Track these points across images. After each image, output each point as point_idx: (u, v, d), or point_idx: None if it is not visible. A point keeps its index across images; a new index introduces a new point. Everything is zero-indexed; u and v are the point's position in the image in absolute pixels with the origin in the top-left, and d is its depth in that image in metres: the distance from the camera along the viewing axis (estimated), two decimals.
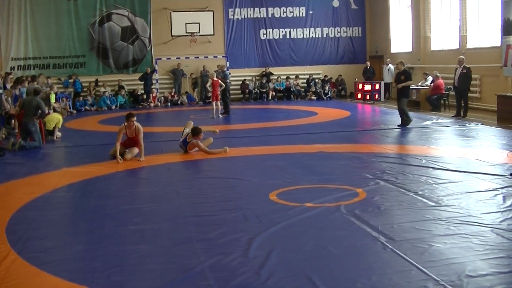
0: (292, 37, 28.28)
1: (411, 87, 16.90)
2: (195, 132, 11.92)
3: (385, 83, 25.23)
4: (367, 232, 6.22)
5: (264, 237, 6.18)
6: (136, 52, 26.41)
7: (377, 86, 24.28)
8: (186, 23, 25.65)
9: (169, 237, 6.35)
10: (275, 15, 28.07)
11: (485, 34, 20.67)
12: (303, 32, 28.41)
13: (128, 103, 25.34)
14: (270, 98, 26.84)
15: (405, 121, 15.39)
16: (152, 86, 25.89)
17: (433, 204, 7.31)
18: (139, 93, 25.67)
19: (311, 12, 28.38)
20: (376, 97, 24.00)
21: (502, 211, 6.88)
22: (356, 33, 29.14)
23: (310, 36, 28.52)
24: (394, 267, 5.22)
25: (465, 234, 6.05)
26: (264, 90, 26.90)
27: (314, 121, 17.72)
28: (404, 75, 15.75)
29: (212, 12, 26.42)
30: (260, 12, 27.94)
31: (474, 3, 20.94)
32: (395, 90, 16.87)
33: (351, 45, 29.12)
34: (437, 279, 4.88)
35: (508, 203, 7.24)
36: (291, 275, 5.12)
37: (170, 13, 25.81)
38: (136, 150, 11.50)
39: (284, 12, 28.14)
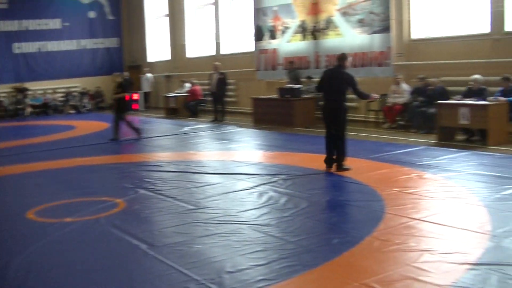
0: (48, 50, 27.08)
1: (169, 94, 17.03)
2: None
3: (144, 93, 25.29)
4: (128, 241, 6.08)
5: (22, 257, 5.76)
6: None
7: (136, 96, 24.24)
8: None
9: None
10: (29, 28, 26.68)
11: (239, 40, 21.61)
12: (59, 45, 27.35)
13: None
14: (27, 114, 25.47)
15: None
16: None
17: (192, 207, 7.37)
18: None
19: (67, 24, 27.39)
20: (136, 107, 23.94)
21: (258, 208, 7.15)
22: (113, 43, 28.79)
23: (67, 49, 27.53)
24: (156, 272, 5.14)
25: (223, 233, 6.17)
26: (21, 107, 25.47)
27: (72, 135, 17.13)
28: (121, 87, 14.83)
29: None
30: (12, 25, 26.40)
31: (228, 10, 21.80)
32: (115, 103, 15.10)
33: (109, 56, 28.71)
34: (198, 278, 4.90)
35: (263, 199, 7.55)
36: None
37: None
38: None
39: (38, 24, 26.84)
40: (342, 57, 9.70)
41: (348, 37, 16.68)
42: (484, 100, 11.72)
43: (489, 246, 5.38)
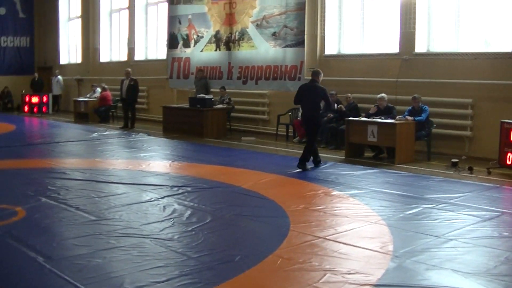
0: None
1: (79, 98, 16.68)
2: None
3: (53, 95, 24.67)
4: (24, 253, 5.86)
5: None
6: None
7: (45, 99, 23.62)
8: None
9: None
10: None
11: (153, 47, 21.45)
12: None
13: None
14: None
15: None
16: None
17: (94, 218, 7.21)
18: None
19: None
20: (45, 109, 23.32)
21: (161, 221, 7.06)
22: (24, 43, 27.97)
23: None
24: (51, 287, 4.99)
25: (125, 246, 6.05)
26: None
27: None
28: None
29: None
30: None
31: (143, 16, 21.61)
32: None
33: (19, 55, 27.83)
34: None
35: (167, 212, 7.48)
36: None
37: None
38: None
39: None
40: (316, 73, 11.14)
41: (261, 49, 16.85)
42: (393, 118, 12.08)
43: (390, 267, 5.45)
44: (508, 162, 10.60)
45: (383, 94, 12.71)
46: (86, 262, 5.58)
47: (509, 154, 10.56)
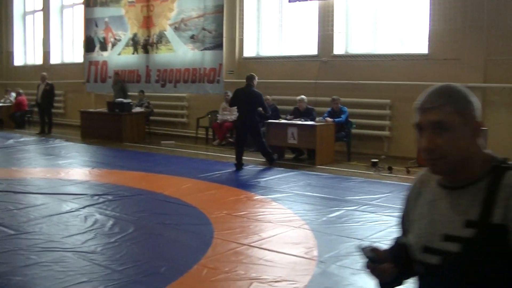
0: None
1: None
2: None
3: None
4: None
5: None
6: None
7: None
8: None
9: None
10: None
11: (69, 51, 21.06)
12: None
13: None
14: None
15: None
16: None
17: (13, 232, 6.99)
18: None
19: None
20: None
21: (83, 233, 6.95)
22: None
23: None
24: None
25: (46, 262, 5.91)
26: None
27: None
28: None
29: None
30: None
31: (58, 19, 21.18)
32: None
33: None
34: None
35: (89, 223, 7.37)
36: None
37: None
38: None
39: None
40: (250, 77, 11.49)
41: (179, 52, 16.83)
42: (313, 120, 12.30)
43: (316, 273, 5.54)
44: None
45: (302, 96, 12.92)
46: (5, 281, 5.43)
47: None
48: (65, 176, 10.66)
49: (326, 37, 13.87)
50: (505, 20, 11.34)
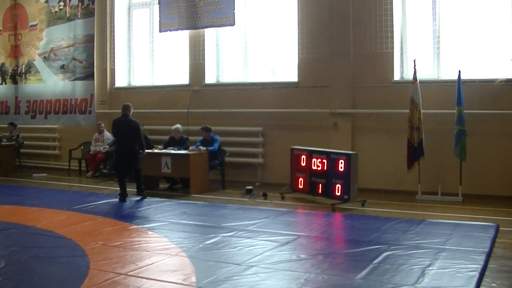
0: None
1: None
2: None
3: None
4: None
5: None
6: None
7: None
8: None
9: None
10: None
11: None
12: None
13: None
14: None
15: None
16: None
17: None
18: None
19: None
20: None
21: None
22: None
23: None
24: None
25: None
26: None
27: None
28: None
29: None
30: None
31: None
32: None
33: None
34: None
35: None
36: None
37: None
38: None
39: None
40: (126, 107, 11.37)
41: (50, 82, 16.48)
42: (186, 149, 12.36)
43: None
44: (300, 186, 11.29)
45: (177, 125, 12.97)
46: None
47: (300, 179, 11.26)
48: None
49: (197, 67, 14.07)
50: (370, 48, 11.98)
